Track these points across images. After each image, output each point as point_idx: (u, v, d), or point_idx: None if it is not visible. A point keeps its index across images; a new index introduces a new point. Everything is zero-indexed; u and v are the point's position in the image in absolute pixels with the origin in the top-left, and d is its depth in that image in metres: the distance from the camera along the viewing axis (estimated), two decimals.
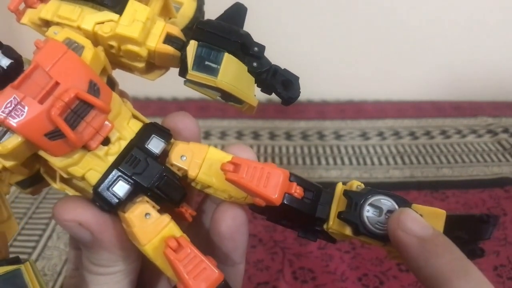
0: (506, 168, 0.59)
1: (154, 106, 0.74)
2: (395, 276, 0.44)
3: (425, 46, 0.76)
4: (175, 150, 0.22)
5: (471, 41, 0.76)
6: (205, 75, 0.22)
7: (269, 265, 0.45)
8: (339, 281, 0.44)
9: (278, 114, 0.72)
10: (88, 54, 0.20)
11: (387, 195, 0.22)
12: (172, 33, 0.22)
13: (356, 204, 0.22)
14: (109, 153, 0.21)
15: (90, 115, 0.19)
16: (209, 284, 0.20)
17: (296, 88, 0.24)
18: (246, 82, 0.23)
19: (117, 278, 0.22)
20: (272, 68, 0.24)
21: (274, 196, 0.21)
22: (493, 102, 0.75)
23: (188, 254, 0.20)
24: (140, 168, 0.21)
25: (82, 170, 0.20)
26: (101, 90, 0.19)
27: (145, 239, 0.20)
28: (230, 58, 0.23)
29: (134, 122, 0.22)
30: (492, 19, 0.74)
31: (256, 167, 0.21)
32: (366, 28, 0.74)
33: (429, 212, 0.22)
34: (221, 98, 0.24)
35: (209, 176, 0.22)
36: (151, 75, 0.24)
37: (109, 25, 0.21)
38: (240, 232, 0.23)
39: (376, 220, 0.21)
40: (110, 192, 0.20)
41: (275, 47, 0.84)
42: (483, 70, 0.77)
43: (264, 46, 0.24)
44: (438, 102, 0.76)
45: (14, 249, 0.47)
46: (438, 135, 0.67)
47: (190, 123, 0.24)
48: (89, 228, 0.21)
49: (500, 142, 0.65)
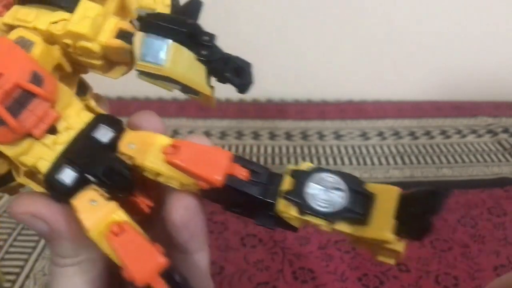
0: (506, 168, 0.59)
1: (154, 106, 0.74)
2: (395, 276, 0.44)
3: (425, 46, 0.76)
4: (124, 139, 0.22)
5: (471, 41, 0.76)
6: (152, 64, 0.22)
7: (269, 265, 0.45)
8: (339, 281, 0.44)
9: (278, 114, 0.72)
10: (37, 49, 0.21)
11: (334, 173, 0.21)
12: (124, 28, 0.23)
13: (301, 183, 0.21)
14: (57, 142, 0.21)
15: (33, 104, 0.20)
16: (151, 269, 0.19)
17: (248, 74, 0.24)
18: (195, 70, 0.23)
19: (83, 268, 0.22)
20: (224, 57, 0.24)
21: (215, 178, 0.20)
22: (493, 102, 0.75)
23: (130, 239, 0.20)
24: (87, 156, 0.21)
25: (32, 159, 0.21)
26: (45, 81, 0.20)
27: (90, 225, 0.20)
28: (178, 46, 0.23)
29: (86, 114, 0.22)
30: (492, 19, 0.74)
31: (197, 149, 0.21)
32: (366, 28, 0.74)
33: (383, 189, 0.20)
34: (180, 90, 0.24)
35: (156, 163, 0.22)
36: (113, 73, 0.25)
37: (62, 23, 0.22)
38: (194, 220, 0.23)
39: (321, 198, 0.20)
40: (58, 180, 0.21)
41: (275, 47, 0.84)
42: (483, 70, 0.77)
43: (214, 34, 0.24)
44: (438, 102, 0.76)
45: (13, 249, 0.47)
46: (438, 135, 0.67)
47: (155, 122, 0.24)
48: (42, 218, 0.21)
49: (500, 142, 0.65)
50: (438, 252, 0.47)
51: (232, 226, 0.50)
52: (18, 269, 0.45)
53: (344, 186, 0.20)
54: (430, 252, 0.47)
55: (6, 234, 0.49)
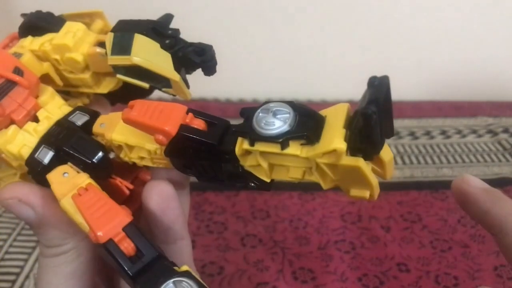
0: (506, 168, 0.59)
1: None
2: (395, 276, 0.44)
3: (425, 46, 0.76)
4: (96, 122, 0.24)
5: (471, 41, 0.76)
6: (120, 56, 0.24)
7: (269, 265, 0.45)
8: (339, 281, 0.44)
9: None
10: (24, 57, 0.24)
11: (283, 102, 0.21)
12: (102, 40, 0.26)
13: (250, 116, 0.20)
14: (38, 130, 0.23)
15: (14, 92, 0.23)
16: (114, 224, 0.20)
17: (210, 54, 0.25)
18: (161, 57, 0.25)
19: (69, 257, 0.22)
20: (187, 44, 0.26)
21: (167, 127, 0.21)
22: (493, 102, 0.75)
23: (93, 197, 0.21)
24: (60, 135, 0.23)
25: (17, 147, 0.23)
26: (25, 74, 0.23)
27: (61, 194, 0.21)
28: (141, 37, 0.25)
29: (66, 108, 0.25)
30: (492, 19, 0.74)
31: (150, 105, 0.22)
32: (366, 28, 0.74)
33: (333, 109, 0.20)
34: (153, 85, 0.26)
35: (122, 135, 0.23)
36: (102, 88, 0.27)
37: (49, 41, 0.26)
38: (170, 207, 0.23)
39: (265, 122, 0.20)
40: (36, 159, 0.23)
41: (275, 47, 0.83)
42: (483, 70, 0.77)
43: (178, 29, 0.26)
44: (438, 102, 0.76)
45: (13, 249, 0.47)
46: (438, 135, 0.67)
47: None
48: (29, 203, 0.22)
49: (500, 142, 0.65)
50: (438, 252, 0.47)
51: (232, 226, 0.50)
52: (18, 269, 0.45)
53: (290, 109, 0.20)
54: (430, 252, 0.47)
55: (6, 234, 0.49)
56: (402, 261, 0.46)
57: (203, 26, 0.25)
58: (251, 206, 0.52)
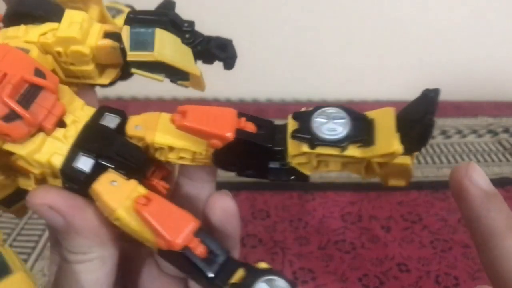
0: (507, 168, 0.59)
1: (154, 107, 0.74)
2: (395, 277, 0.44)
3: (425, 46, 0.76)
4: (129, 123, 0.23)
5: (471, 41, 0.76)
6: (142, 52, 0.24)
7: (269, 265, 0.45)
8: (339, 281, 0.44)
9: (278, 114, 0.72)
10: (33, 53, 0.22)
11: (333, 106, 0.22)
12: (109, 30, 0.24)
13: (306, 120, 0.22)
14: (68, 135, 0.22)
15: (40, 97, 0.21)
16: (185, 232, 0.20)
17: (231, 49, 0.25)
18: (183, 52, 0.24)
19: (94, 265, 0.22)
20: (206, 38, 0.25)
21: (226, 133, 0.21)
22: (494, 102, 0.75)
23: (159, 206, 0.20)
24: (99, 142, 0.22)
25: (46, 155, 0.21)
26: (47, 76, 0.21)
27: (115, 203, 0.21)
28: (163, 32, 0.24)
29: (88, 108, 0.23)
30: (492, 19, 0.74)
31: (202, 110, 0.22)
32: (366, 28, 0.74)
33: (379, 112, 0.22)
34: (169, 79, 0.25)
35: (165, 137, 0.23)
36: (103, 79, 0.26)
37: (52, 32, 0.24)
38: (231, 222, 0.23)
39: (327, 127, 0.21)
40: (76, 169, 0.21)
41: (275, 47, 0.83)
42: (483, 70, 0.77)
43: (193, 21, 0.25)
44: (438, 102, 0.76)
45: (14, 249, 0.47)
46: (438, 135, 0.67)
47: None
48: (59, 211, 0.21)
49: (501, 142, 0.65)
50: (438, 252, 0.47)
51: None
52: None
53: (345, 114, 0.22)
54: (430, 252, 0.47)
55: (5, 234, 0.49)
56: (402, 261, 0.46)
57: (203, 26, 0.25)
58: (251, 206, 0.52)
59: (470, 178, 0.21)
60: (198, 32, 0.25)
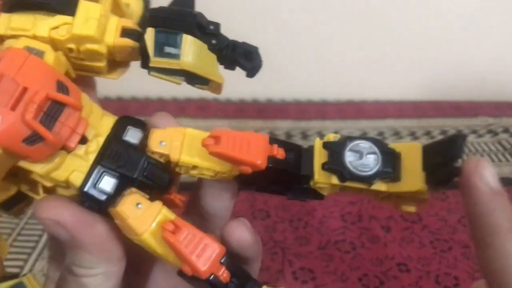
0: (506, 168, 0.59)
1: (154, 106, 0.74)
2: (395, 277, 0.44)
3: (425, 46, 0.76)
4: (152, 138, 0.22)
5: (471, 41, 0.76)
6: (168, 59, 0.23)
7: (269, 265, 0.45)
8: (339, 281, 0.44)
9: (278, 114, 0.72)
10: (49, 57, 0.20)
11: (364, 139, 0.22)
12: (127, 26, 0.22)
13: (337, 152, 0.22)
14: (89, 152, 0.21)
15: (63, 115, 0.19)
16: (213, 259, 0.20)
17: (257, 57, 0.25)
18: (208, 60, 0.24)
19: (98, 280, 0.22)
20: (231, 43, 0.24)
21: (258, 161, 0.21)
22: (493, 102, 0.75)
23: (187, 234, 0.20)
24: (123, 160, 0.21)
25: (65, 173, 0.20)
26: (70, 89, 0.19)
27: (141, 228, 0.20)
28: (189, 38, 0.23)
29: (107, 118, 0.22)
30: (492, 19, 0.74)
31: (235, 136, 0.22)
32: (366, 28, 0.74)
33: (406, 147, 0.22)
34: (187, 82, 0.24)
35: (191, 156, 0.22)
36: (114, 74, 0.24)
37: (65, 28, 0.21)
38: (246, 252, 0.24)
39: (359, 163, 0.22)
40: (98, 189, 0.20)
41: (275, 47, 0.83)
42: (483, 70, 0.77)
43: (219, 23, 0.24)
44: (438, 102, 0.76)
45: (14, 249, 0.47)
46: (438, 135, 0.67)
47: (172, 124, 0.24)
48: (66, 228, 0.20)
49: (501, 142, 0.65)
50: (438, 252, 0.47)
51: None
52: (17, 269, 0.45)
53: (376, 149, 0.22)
54: (430, 252, 0.47)
55: (6, 234, 0.49)
56: (402, 261, 0.46)
57: None
58: (251, 206, 0.52)
59: (480, 174, 0.21)
60: (223, 35, 0.24)
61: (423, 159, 0.22)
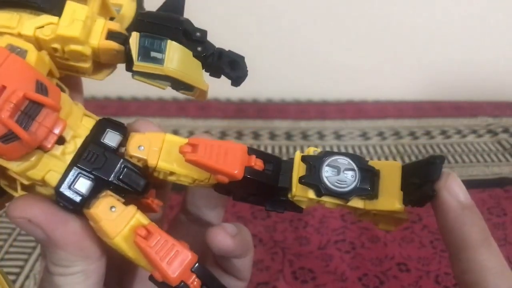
0: (506, 168, 0.59)
1: (154, 106, 0.74)
2: (395, 276, 0.44)
3: (425, 46, 0.76)
4: (132, 142, 0.22)
5: (471, 41, 0.76)
6: (151, 64, 0.23)
7: (269, 265, 0.45)
8: (339, 281, 0.44)
9: (278, 114, 0.72)
10: (31, 57, 0.20)
11: (343, 155, 0.22)
12: (113, 29, 0.23)
13: (315, 167, 0.22)
14: (66, 152, 0.21)
15: (41, 115, 0.19)
16: (183, 266, 0.20)
17: (242, 67, 0.25)
18: (193, 67, 0.24)
19: (77, 279, 0.22)
20: (217, 51, 0.24)
21: (235, 171, 0.21)
22: (493, 102, 0.75)
23: (159, 240, 0.20)
24: (99, 163, 0.21)
25: (41, 172, 0.20)
26: (49, 90, 0.19)
27: (114, 232, 0.20)
28: (174, 44, 0.23)
29: (87, 120, 0.22)
30: (492, 19, 0.74)
31: (213, 145, 0.21)
32: (366, 28, 0.74)
33: (386, 165, 0.22)
34: (172, 87, 0.24)
35: (169, 163, 0.22)
36: (99, 75, 0.24)
37: (50, 27, 0.21)
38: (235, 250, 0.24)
39: (336, 179, 0.22)
40: (72, 190, 0.20)
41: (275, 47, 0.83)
42: (483, 70, 0.77)
43: (205, 30, 0.24)
44: (438, 102, 0.76)
45: (13, 249, 0.47)
46: (438, 135, 0.67)
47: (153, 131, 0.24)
48: (39, 225, 0.20)
49: (500, 142, 0.65)
50: (438, 252, 0.47)
51: None
52: (18, 269, 0.45)
53: (354, 166, 0.22)
54: (430, 252, 0.47)
55: (6, 234, 0.49)
56: (402, 261, 0.46)
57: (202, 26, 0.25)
58: (251, 206, 0.52)
59: (449, 188, 0.21)
60: (209, 43, 0.24)
61: (402, 178, 0.22)
